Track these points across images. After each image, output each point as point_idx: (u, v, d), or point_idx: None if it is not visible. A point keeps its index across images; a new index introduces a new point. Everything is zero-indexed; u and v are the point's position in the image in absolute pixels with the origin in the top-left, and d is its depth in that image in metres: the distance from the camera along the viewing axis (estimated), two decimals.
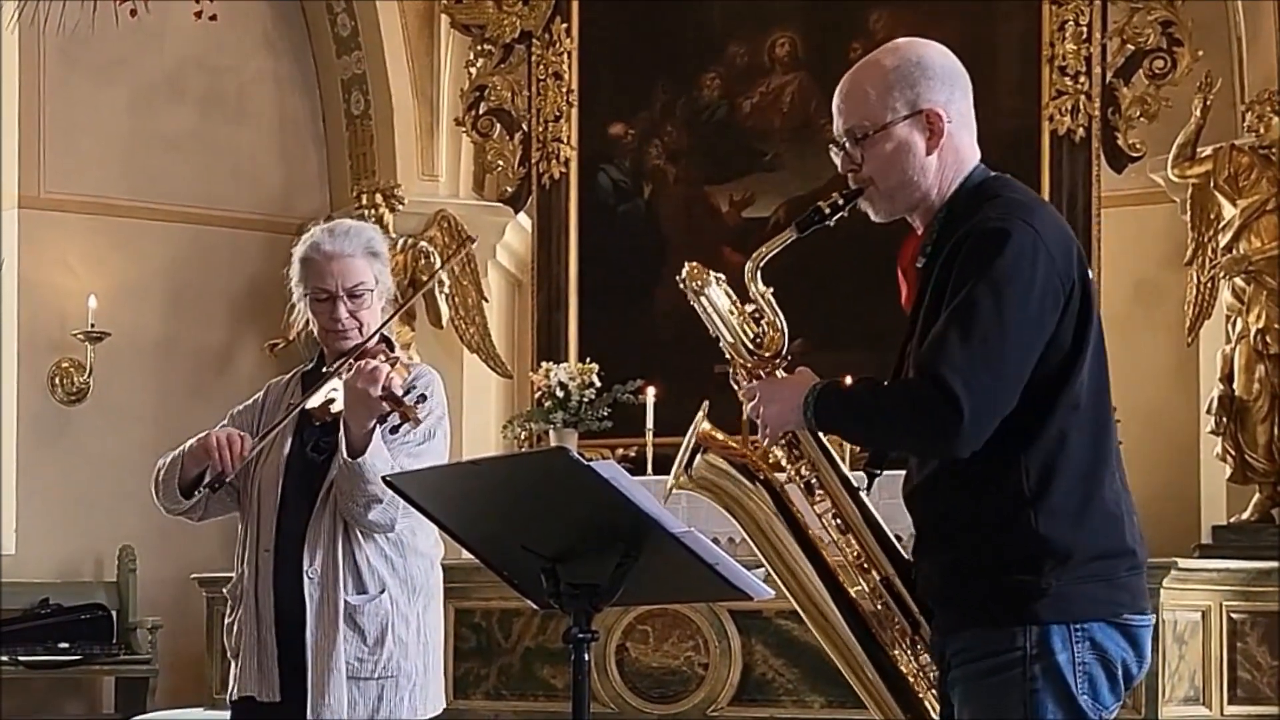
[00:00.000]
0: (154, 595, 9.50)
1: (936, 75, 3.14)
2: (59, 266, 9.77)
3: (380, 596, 4.11)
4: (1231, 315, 8.40)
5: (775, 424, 3.16)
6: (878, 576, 3.19)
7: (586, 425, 8.98)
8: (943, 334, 2.94)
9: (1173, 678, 7.23)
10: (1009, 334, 2.92)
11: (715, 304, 3.33)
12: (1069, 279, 3.01)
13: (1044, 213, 3.07)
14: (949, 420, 2.90)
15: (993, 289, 2.92)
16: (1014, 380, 2.95)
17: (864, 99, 3.12)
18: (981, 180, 3.14)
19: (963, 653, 3.05)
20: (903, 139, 3.10)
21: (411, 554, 4.19)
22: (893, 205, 3.17)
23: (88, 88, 9.82)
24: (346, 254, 4.22)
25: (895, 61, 3.14)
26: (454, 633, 7.70)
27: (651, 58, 9.51)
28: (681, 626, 7.43)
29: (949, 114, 3.12)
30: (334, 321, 4.19)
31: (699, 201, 9.40)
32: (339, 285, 4.19)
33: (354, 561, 4.10)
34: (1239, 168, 8.36)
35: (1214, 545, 8.15)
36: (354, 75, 10.14)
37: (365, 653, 4.10)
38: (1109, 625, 3.02)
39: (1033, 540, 2.98)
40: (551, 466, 3.01)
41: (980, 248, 2.96)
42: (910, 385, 3.00)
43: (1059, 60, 8.63)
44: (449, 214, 9.95)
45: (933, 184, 3.13)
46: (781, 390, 3.17)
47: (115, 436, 9.75)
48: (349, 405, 3.99)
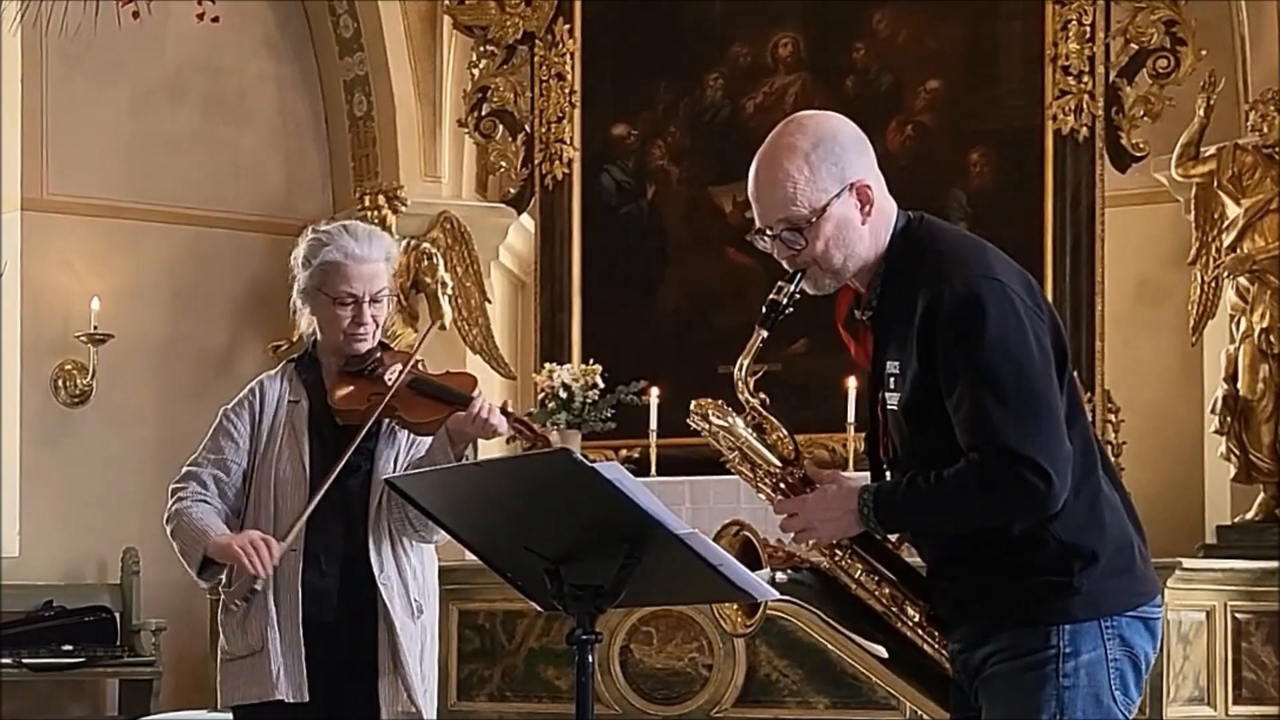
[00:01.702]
0: (157, 597, 9.48)
1: (852, 146, 3.20)
2: (62, 268, 9.77)
3: (424, 600, 4.22)
4: (1235, 315, 8.39)
5: (832, 537, 3.22)
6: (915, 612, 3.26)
7: (590, 426, 8.97)
8: (981, 411, 3.01)
9: (1177, 678, 7.23)
10: (1037, 385, 3.03)
11: (736, 425, 3.30)
12: (1041, 309, 3.11)
13: (991, 255, 3.15)
14: (1036, 487, 2.98)
15: (999, 352, 3.01)
16: (1061, 421, 3.04)
17: (795, 186, 3.16)
18: (905, 225, 3.23)
19: (996, 654, 3.11)
20: (840, 216, 3.17)
21: (427, 556, 4.26)
22: (838, 279, 3.24)
23: (90, 89, 9.82)
24: (373, 259, 4.24)
25: (811, 141, 3.17)
26: (457, 634, 7.69)
27: (654, 58, 9.50)
28: (685, 628, 7.42)
29: (871, 181, 3.19)
30: (357, 325, 4.22)
31: (702, 202, 9.39)
32: (365, 290, 4.20)
33: (402, 568, 4.19)
34: (1243, 167, 8.35)
35: (1218, 545, 8.14)
36: (356, 76, 10.14)
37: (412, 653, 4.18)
38: (1133, 619, 3.10)
39: (1057, 548, 3.07)
40: (555, 468, 3.00)
41: (960, 320, 3.03)
42: (980, 467, 3.03)
43: (1062, 60, 8.61)
44: (452, 215, 9.95)
45: (870, 249, 3.20)
46: (831, 506, 3.19)
47: (118, 438, 9.76)
48: (464, 436, 4.12)
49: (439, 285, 9.74)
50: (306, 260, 4.26)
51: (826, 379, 8.09)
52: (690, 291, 9.35)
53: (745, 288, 8.65)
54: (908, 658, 3.27)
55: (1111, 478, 3.18)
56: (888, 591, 3.25)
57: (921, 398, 3.10)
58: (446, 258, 9.85)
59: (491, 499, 3.14)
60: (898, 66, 8.93)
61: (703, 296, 9.26)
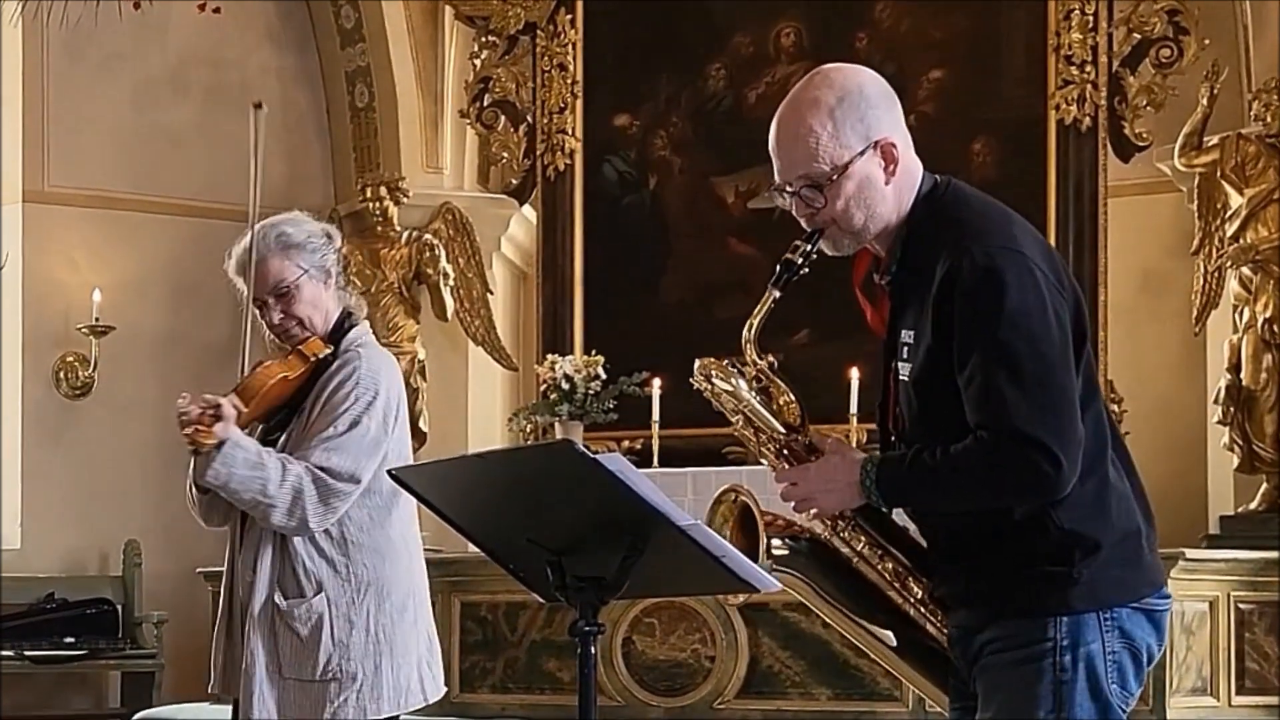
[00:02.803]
0: (159, 589, 9.49)
1: (879, 102, 3.09)
2: (63, 260, 9.76)
3: (313, 599, 4.10)
4: (1239, 304, 8.38)
5: (834, 508, 3.13)
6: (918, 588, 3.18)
7: (592, 417, 8.96)
8: (995, 389, 2.92)
9: (1180, 668, 7.22)
10: (1053, 365, 2.93)
11: (739, 387, 3.21)
12: (1063, 285, 3.01)
13: (1018, 227, 3.06)
14: (1045, 470, 2.90)
15: (1015, 329, 2.92)
16: (1075, 404, 2.96)
17: (816, 141, 3.05)
18: (930, 188, 3.13)
19: (994, 643, 3.04)
20: (863, 175, 3.06)
21: (359, 551, 4.16)
22: (858, 240, 3.14)
23: (91, 82, 9.81)
24: (259, 259, 4.29)
25: (836, 95, 3.06)
26: (459, 626, 7.69)
27: (656, 49, 9.49)
28: (688, 619, 7.41)
29: (896, 139, 3.09)
30: (272, 327, 4.29)
31: (704, 193, 9.38)
32: (263, 291, 4.27)
33: (290, 565, 4.11)
34: (1246, 157, 8.35)
35: (1221, 535, 8.14)
36: (358, 68, 10.12)
37: (303, 655, 4.10)
38: (1135, 611, 3.03)
39: (1059, 536, 2.98)
40: (557, 459, 2.99)
41: (979, 293, 2.94)
42: (989, 447, 2.94)
43: (1065, 50, 8.60)
44: (453, 206, 9.94)
45: (893, 210, 3.10)
46: (833, 476, 3.10)
47: (120, 431, 9.75)
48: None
49: (441, 276, 9.74)
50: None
51: (829, 369, 8.08)
52: (693, 282, 9.34)
53: (748, 278, 8.64)
54: (909, 637, 3.19)
55: (1123, 462, 3.10)
56: (890, 566, 3.17)
57: (933, 370, 3.00)
58: (448, 249, 9.84)
59: (494, 490, 3.13)
60: (900, 56, 8.91)
61: (705, 287, 9.26)
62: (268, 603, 4.09)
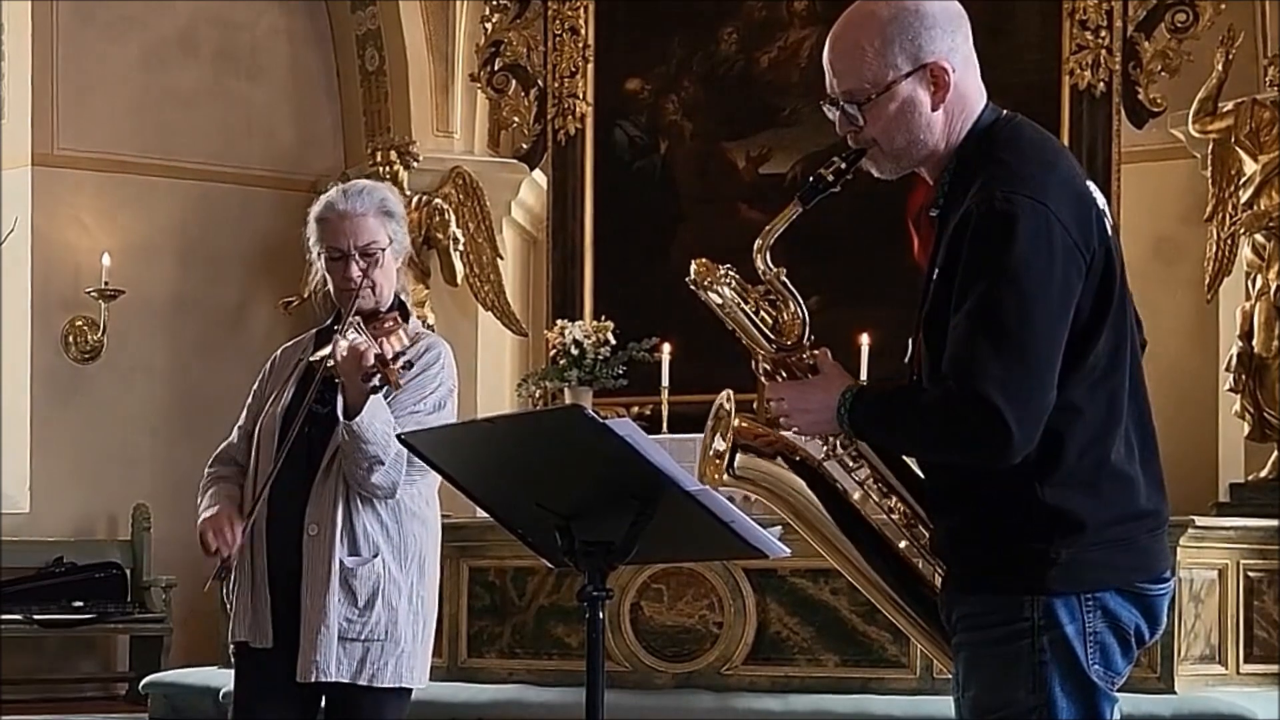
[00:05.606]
0: (168, 553, 9.50)
1: (936, 23, 2.93)
2: (72, 224, 9.75)
3: (374, 560, 4.15)
4: (1251, 272, 8.36)
5: (809, 431, 3.04)
6: (926, 533, 3.06)
7: (602, 383, 8.96)
8: (970, 341, 2.79)
9: (1189, 636, 7.21)
10: (1037, 329, 2.78)
11: (727, 298, 3.13)
12: (1088, 249, 2.86)
13: (1055, 179, 2.90)
14: (997, 436, 2.77)
15: (1011, 284, 2.77)
16: (1051, 374, 2.81)
17: (861, 57, 2.91)
18: (992, 121, 3.01)
19: (967, 618, 2.94)
20: (907, 96, 2.92)
21: (411, 521, 4.22)
22: (899, 164, 3.01)
23: (101, 45, 9.79)
24: (359, 213, 4.27)
25: (891, 11, 2.92)
26: (468, 591, 7.68)
27: (668, 12, 9.45)
28: (696, 585, 7.40)
29: (953, 64, 2.94)
30: (346, 280, 4.25)
31: (715, 157, 9.35)
32: (351, 244, 4.25)
33: (351, 525, 4.15)
34: (1260, 123, 8.31)
35: (1231, 503, 8.12)
36: (368, 31, 10.09)
37: (355, 614, 4.14)
38: (1122, 594, 2.91)
39: (1041, 510, 2.86)
40: (566, 424, 2.97)
41: (989, 235, 2.80)
42: (951, 402, 2.81)
43: (1080, 14, 8.55)
44: (464, 171, 9.92)
45: (940, 138, 2.97)
46: (813, 396, 3.01)
47: (129, 394, 9.76)
48: (342, 372, 4.05)
49: (450, 241, 9.72)
50: (311, 219, 4.32)
51: (839, 335, 8.02)
52: (703, 248, 9.18)
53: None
54: (912, 590, 3.08)
55: (1141, 445, 2.95)
56: (896, 504, 3.06)
57: (936, 310, 2.89)
58: (458, 213, 9.82)
59: (503, 455, 3.12)
60: None
61: (715, 253, 9.15)
62: (330, 560, 4.12)
